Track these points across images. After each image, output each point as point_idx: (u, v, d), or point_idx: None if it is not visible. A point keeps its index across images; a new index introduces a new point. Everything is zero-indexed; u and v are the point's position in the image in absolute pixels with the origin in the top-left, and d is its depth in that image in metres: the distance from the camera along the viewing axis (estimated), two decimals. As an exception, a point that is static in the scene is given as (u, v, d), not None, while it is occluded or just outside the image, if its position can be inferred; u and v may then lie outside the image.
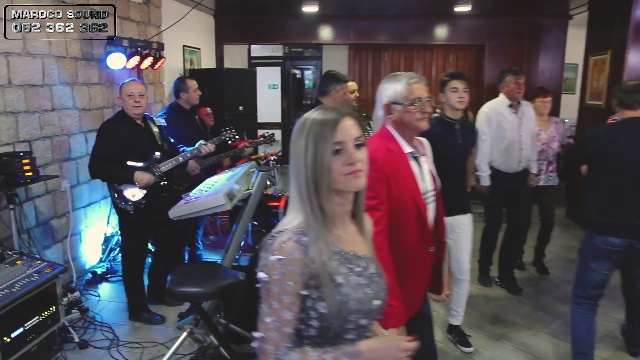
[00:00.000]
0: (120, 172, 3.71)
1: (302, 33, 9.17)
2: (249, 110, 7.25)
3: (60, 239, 4.59)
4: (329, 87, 3.90)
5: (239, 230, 2.99)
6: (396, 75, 2.15)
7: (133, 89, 3.77)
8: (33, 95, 4.17)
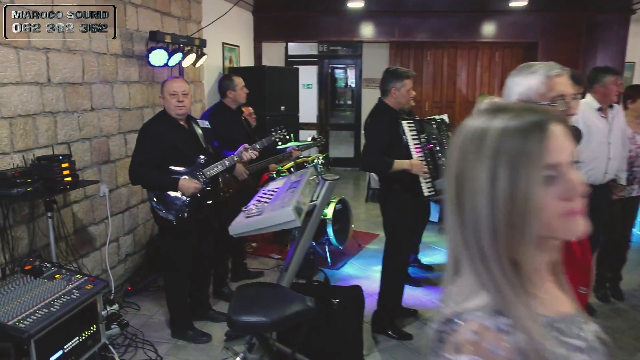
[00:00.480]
0: (164, 178, 3.42)
1: (342, 30, 8.79)
2: (290, 110, 6.92)
3: (99, 246, 4.32)
4: (389, 85, 3.58)
5: (300, 247, 2.65)
6: (531, 66, 1.74)
7: (176, 87, 3.47)
8: (72, 94, 3.90)
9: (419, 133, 3.57)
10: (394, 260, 3.69)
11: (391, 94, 3.52)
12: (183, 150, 3.50)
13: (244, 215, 2.37)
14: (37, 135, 3.55)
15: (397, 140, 3.50)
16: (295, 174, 3.17)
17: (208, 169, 3.54)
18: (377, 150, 3.42)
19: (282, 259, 5.29)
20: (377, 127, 3.50)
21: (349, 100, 19.14)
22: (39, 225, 3.55)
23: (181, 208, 3.43)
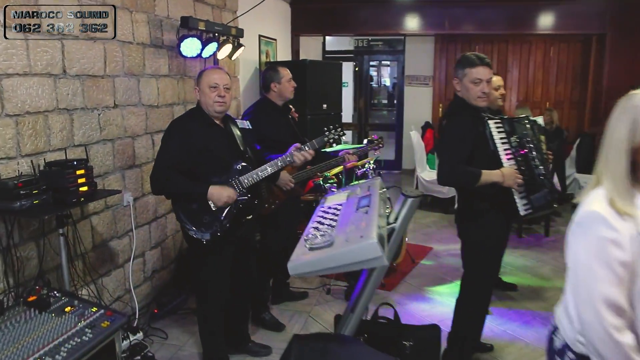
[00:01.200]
0: (191, 185, 2.82)
1: (384, 23, 8.14)
2: (332, 108, 6.29)
3: (121, 263, 3.77)
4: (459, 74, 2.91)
5: (372, 282, 2.03)
6: None
7: (217, 79, 2.88)
8: (92, 88, 3.35)
9: (509, 135, 2.90)
10: (476, 292, 3.03)
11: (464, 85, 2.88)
12: (217, 154, 2.90)
13: (307, 245, 1.75)
14: (50, 136, 3.01)
15: (481, 145, 2.84)
16: (360, 186, 2.53)
17: (245, 177, 2.95)
18: (459, 159, 2.76)
19: (328, 276, 4.67)
20: (458, 130, 2.83)
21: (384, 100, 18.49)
22: (51, 242, 3.01)
23: (214, 225, 2.84)
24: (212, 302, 3.06)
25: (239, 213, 2.92)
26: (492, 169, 2.80)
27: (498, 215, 2.92)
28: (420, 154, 7.06)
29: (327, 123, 6.25)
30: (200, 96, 2.92)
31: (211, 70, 2.95)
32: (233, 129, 3.08)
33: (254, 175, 2.95)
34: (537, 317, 3.95)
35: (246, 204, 2.93)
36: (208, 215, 2.81)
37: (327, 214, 2.24)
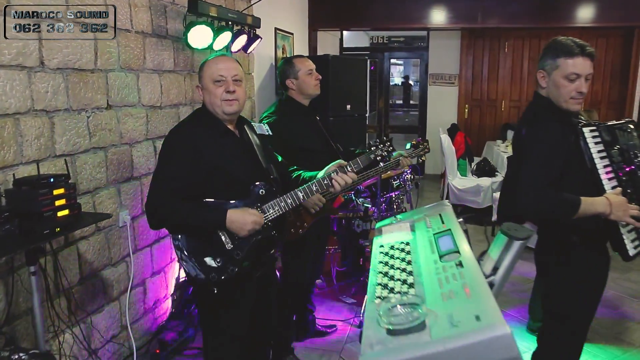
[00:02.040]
0: (204, 213, 2.12)
1: (407, 17, 7.45)
2: (356, 109, 5.63)
3: (116, 295, 3.15)
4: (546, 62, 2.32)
5: None
6: None
7: (223, 70, 2.20)
8: (79, 85, 2.72)
9: (609, 147, 2.22)
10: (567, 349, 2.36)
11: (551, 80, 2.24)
12: (234, 175, 2.20)
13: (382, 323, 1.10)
14: (22, 145, 2.38)
15: (572, 161, 2.18)
16: (425, 215, 1.87)
17: (270, 206, 2.22)
18: (549, 181, 2.08)
19: (357, 304, 4.02)
20: (546, 142, 2.15)
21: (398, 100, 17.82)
22: (22, 279, 2.38)
23: (228, 268, 2.13)
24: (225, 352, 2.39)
25: (259, 250, 2.24)
26: (588, 191, 2.14)
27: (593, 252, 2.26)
28: (451, 159, 6.39)
29: (351, 125, 5.65)
30: (204, 95, 2.25)
31: (214, 59, 2.26)
32: (251, 136, 2.38)
33: (282, 204, 2.23)
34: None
35: (268, 238, 2.26)
36: (221, 256, 2.12)
37: (394, 259, 1.59)
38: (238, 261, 2.14)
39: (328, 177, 2.32)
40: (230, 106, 2.20)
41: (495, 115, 8.87)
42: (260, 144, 2.40)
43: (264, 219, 2.17)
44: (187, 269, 2.14)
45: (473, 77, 8.79)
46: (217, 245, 2.12)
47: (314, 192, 2.29)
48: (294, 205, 2.25)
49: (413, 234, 1.77)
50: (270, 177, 2.29)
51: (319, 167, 2.96)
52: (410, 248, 1.62)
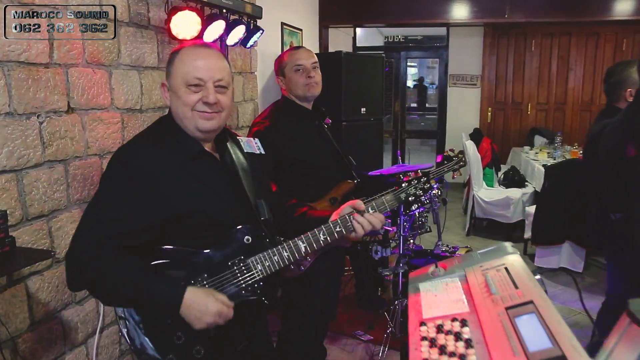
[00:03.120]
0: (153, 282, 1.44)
1: (425, 11, 6.85)
2: (372, 113, 5.04)
3: (82, 339, 2.58)
4: None
5: None
6: None
7: (203, 71, 1.54)
8: (26, 82, 2.17)
9: None
10: None
11: None
12: (208, 216, 1.55)
13: None
14: (-59, 159, 1.82)
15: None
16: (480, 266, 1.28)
17: (258, 259, 1.58)
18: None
19: (375, 341, 3.42)
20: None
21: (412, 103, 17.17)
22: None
23: (192, 348, 1.49)
24: None
25: (242, 318, 1.57)
26: None
27: None
28: (477, 168, 5.77)
29: (367, 130, 5.05)
30: (171, 99, 1.59)
31: (193, 50, 1.60)
32: (236, 156, 1.71)
33: (275, 257, 1.58)
34: None
35: (257, 304, 1.61)
36: (181, 330, 1.49)
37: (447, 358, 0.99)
38: (206, 340, 1.50)
39: (344, 220, 1.66)
40: (207, 120, 1.56)
41: (520, 119, 8.23)
42: (248, 168, 1.73)
43: (249, 276, 1.56)
44: (135, 344, 1.52)
45: (497, 78, 8.16)
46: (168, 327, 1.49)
47: (322, 242, 1.64)
48: (292, 260, 1.60)
49: (469, 301, 1.17)
50: (261, 219, 1.64)
51: (325, 187, 2.35)
52: (471, 334, 1.02)
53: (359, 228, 1.65)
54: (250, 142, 1.85)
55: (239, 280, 1.54)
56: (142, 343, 1.49)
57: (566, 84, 8.02)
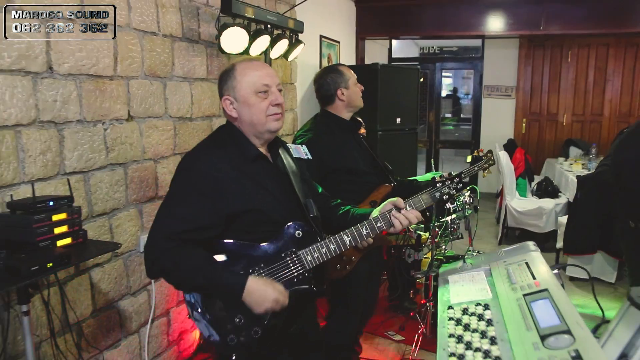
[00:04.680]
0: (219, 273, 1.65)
1: (460, 23, 6.95)
2: (407, 123, 5.19)
3: (136, 328, 2.81)
4: None
5: None
6: None
7: (267, 78, 1.75)
8: (94, 93, 2.41)
9: None
10: None
11: None
12: (264, 213, 1.73)
13: None
14: (24, 160, 2.07)
15: None
16: (504, 261, 1.43)
17: (309, 251, 1.76)
18: None
19: (406, 342, 3.56)
20: None
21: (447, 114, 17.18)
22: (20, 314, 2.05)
23: (251, 329, 1.68)
24: None
25: (293, 305, 1.75)
26: None
27: None
28: (510, 178, 5.84)
29: (401, 140, 5.20)
30: (239, 110, 1.75)
31: (250, 64, 1.80)
32: (287, 161, 1.90)
33: (323, 250, 1.76)
34: None
35: (307, 289, 1.79)
36: (243, 312, 1.68)
37: (471, 333, 1.15)
38: (263, 324, 1.69)
39: (386, 216, 1.83)
40: (277, 121, 1.76)
41: (555, 130, 8.22)
42: (297, 171, 1.94)
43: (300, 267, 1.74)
44: (200, 328, 1.70)
45: (532, 89, 8.18)
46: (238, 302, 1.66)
47: (365, 237, 1.82)
48: (338, 252, 1.79)
49: (492, 289, 1.33)
50: (310, 216, 1.82)
51: (365, 191, 2.52)
52: (492, 315, 1.18)
53: (397, 223, 1.81)
54: (299, 149, 2.07)
55: (291, 270, 1.73)
56: (206, 325, 1.69)
57: (603, 95, 7.97)
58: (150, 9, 2.75)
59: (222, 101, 1.78)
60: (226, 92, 1.77)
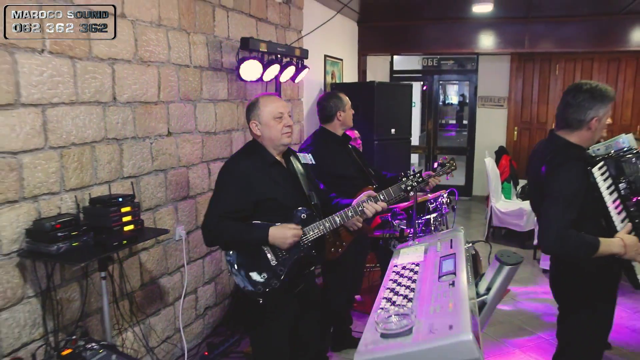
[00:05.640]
0: (249, 231, 2.42)
1: (456, 41, 7.65)
2: (401, 133, 5.88)
3: (171, 301, 3.52)
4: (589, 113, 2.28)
5: None
6: None
7: (281, 108, 2.50)
8: (144, 115, 3.13)
9: (617, 179, 2.36)
10: None
11: (589, 126, 2.31)
12: (279, 201, 2.46)
13: (378, 329, 1.38)
14: (97, 168, 2.79)
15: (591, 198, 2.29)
16: (440, 239, 2.13)
17: (311, 228, 2.49)
18: (570, 222, 2.16)
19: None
20: (568, 183, 2.23)
21: (451, 120, 17.86)
22: (94, 282, 2.77)
23: (272, 282, 2.43)
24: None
25: (300, 267, 2.52)
26: (597, 222, 2.29)
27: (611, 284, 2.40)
28: (495, 182, 6.50)
29: (395, 149, 5.91)
30: (262, 130, 2.48)
31: (270, 99, 2.55)
32: (296, 165, 2.65)
33: (321, 227, 2.51)
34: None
35: (309, 256, 2.54)
36: (266, 271, 2.42)
37: (403, 278, 1.85)
38: (280, 277, 2.43)
39: (361, 205, 2.59)
40: (288, 137, 2.52)
41: (544, 138, 8.85)
42: (304, 173, 2.67)
43: (305, 238, 2.46)
44: (237, 281, 2.45)
45: (522, 99, 8.83)
46: (263, 262, 2.42)
47: (349, 217, 2.58)
48: (332, 228, 2.54)
49: (427, 257, 2.01)
50: (312, 203, 2.57)
51: (354, 191, 3.23)
52: (418, 269, 1.87)
53: (367, 211, 2.59)
54: (305, 156, 2.83)
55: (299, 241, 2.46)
56: (241, 279, 2.41)
57: (589, 106, 8.59)
58: (185, 46, 3.47)
59: (250, 124, 2.52)
60: (253, 117, 2.51)
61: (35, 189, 2.44)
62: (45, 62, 2.47)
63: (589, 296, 2.39)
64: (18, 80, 2.34)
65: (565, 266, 2.47)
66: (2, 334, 2.33)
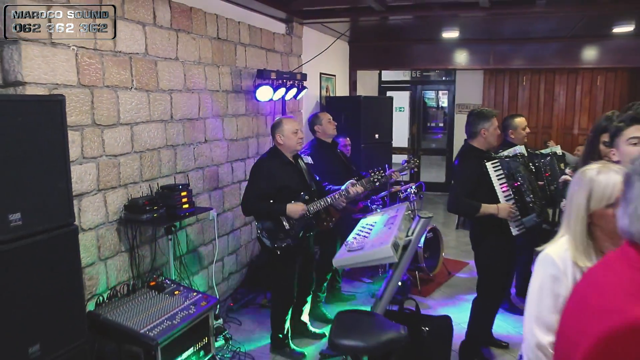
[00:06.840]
0: (274, 207, 3.72)
1: (435, 58, 8.91)
2: (384, 137, 7.15)
3: (206, 265, 4.76)
4: (478, 127, 3.62)
5: (394, 279, 2.86)
6: None
7: (297, 126, 3.84)
8: (190, 128, 4.38)
9: (504, 170, 3.62)
10: (485, 298, 3.76)
11: (481, 135, 3.60)
12: (291, 187, 3.79)
13: (346, 249, 2.62)
14: (161, 166, 4.03)
15: (486, 181, 3.56)
16: (392, 208, 3.37)
17: (311, 205, 3.82)
18: (463, 193, 3.47)
19: (373, 283, 5.50)
20: (464, 170, 3.58)
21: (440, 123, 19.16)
22: (159, 245, 4.01)
23: (286, 240, 3.73)
24: (283, 296, 3.95)
25: (304, 230, 3.82)
26: (494, 200, 3.54)
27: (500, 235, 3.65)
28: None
29: (379, 151, 7.17)
30: (284, 140, 3.79)
31: (290, 119, 3.91)
32: (301, 163, 3.99)
33: (318, 204, 3.83)
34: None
35: (309, 224, 3.85)
36: (282, 232, 3.72)
37: (365, 229, 3.10)
38: (292, 236, 3.73)
39: (345, 189, 3.89)
40: (300, 145, 3.89)
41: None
42: (306, 169, 4.02)
43: (307, 210, 3.74)
44: (264, 241, 3.77)
45: (494, 107, 10.04)
46: (281, 227, 3.73)
47: (336, 197, 3.88)
48: (326, 205, 3.85)
49: (382, 218, 3.27)
50: (312, 190, 3.90)
51: (342, 183, 4.53)
52: (376, 223, 3.12)
53: (351, 191, 3.86)
54: (307, 159, 4.09)
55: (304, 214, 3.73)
56: (266, 238, 3.72)
57: (552, 112, 9.86)
58: (216, 76, 4.72)
59: (275, 136, 3.84)
60: (278, 132, 3.82)
61: (126, 180, 3.69)
62: (133, 95, 3.72)
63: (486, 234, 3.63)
64: (119, 108, 3.59)
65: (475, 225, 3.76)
66: (109, 274, 3.58)
